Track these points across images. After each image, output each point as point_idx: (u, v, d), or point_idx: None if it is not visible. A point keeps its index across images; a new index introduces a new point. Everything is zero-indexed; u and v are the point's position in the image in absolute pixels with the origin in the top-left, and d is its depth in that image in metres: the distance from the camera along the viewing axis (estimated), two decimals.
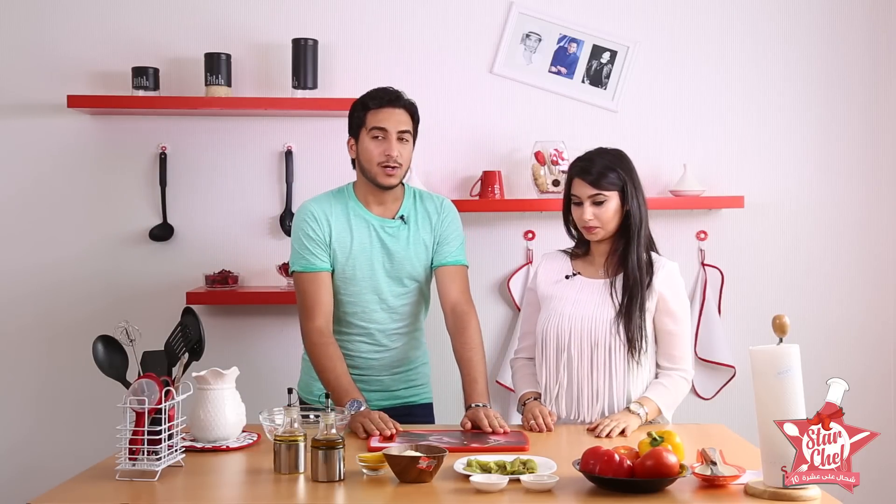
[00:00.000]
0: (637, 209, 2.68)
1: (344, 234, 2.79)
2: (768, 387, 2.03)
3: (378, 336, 2.83)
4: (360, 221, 2.80)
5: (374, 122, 2.74)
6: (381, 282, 2.80)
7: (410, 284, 2.84)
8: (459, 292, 2.84)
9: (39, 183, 3.60)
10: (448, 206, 2.91)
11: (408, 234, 2.82)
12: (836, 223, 3.73)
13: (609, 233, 2.71)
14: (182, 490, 2.12)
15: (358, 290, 2.80)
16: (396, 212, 2.83)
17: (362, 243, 2.79)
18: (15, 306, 3.61)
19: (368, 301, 2.80)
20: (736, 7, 3.69)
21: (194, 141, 3.62)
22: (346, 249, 2.78)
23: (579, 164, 2.72)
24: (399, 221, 2.82)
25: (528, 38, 3.66)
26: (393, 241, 2.80)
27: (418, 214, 2.85)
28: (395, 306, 2.83)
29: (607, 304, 2.69)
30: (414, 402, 2.92)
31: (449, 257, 2.85)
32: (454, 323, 2.82)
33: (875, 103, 3.72)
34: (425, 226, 2.85)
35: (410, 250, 2.81)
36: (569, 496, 2.03)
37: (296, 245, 2.81)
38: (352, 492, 2.08)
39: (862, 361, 3.72)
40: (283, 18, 3.62)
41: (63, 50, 3.59)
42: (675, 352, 2.72)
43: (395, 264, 2.80)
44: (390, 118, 2.74)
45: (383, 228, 2.81)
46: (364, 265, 2.78)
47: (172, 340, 2.37)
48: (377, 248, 2.79)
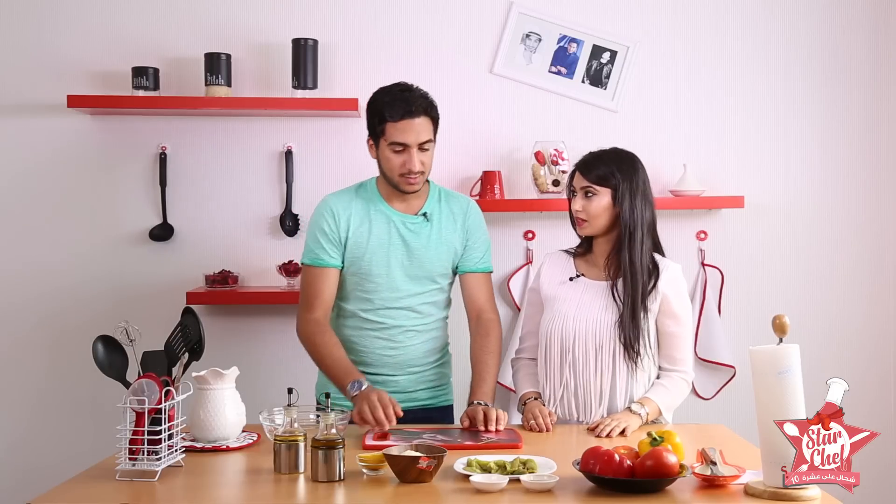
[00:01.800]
0: (629, 212, 2.67)
1: (362, 228, 2.76)
2: (768, 387, 2.03)
3: (393, 332, 2.79)
4: (380, 216, 2.78)
5: (394, 137, 2.67)
6: (398, 278, 2.77)
7: (428, 282, 2.81)
8: (486, 299, 2.86)
9: (39, 183, 3.61)
10: (475, 208, 2.89)
11: (430, 231, 2.80)
12: (836, 223, 3.73)
13: (597, 229, 2.71)
14: (182, 490, 2.12)
15: (374, 287, 2.78)
16: (419, 208, 2.81)
17: (380, 238, 2.76)
18: (15, 306, 3.62)
19: (385, 298, 2.78)
20: (736, 7, 3.69)
21: (194, 141, 3.62)
22: (364, 244, 2.76)
23: (583, 158, 2.75)
24: (421, 218, 2.79)
25: (528, 38, 3.66)
26: (414, 237, 2.78)
27: (442, 213, 2.82)
28: (411, 304, 2.80)
29: (611, 306, 2.69)
30: (432, 404, 2.88)
31: (479, 264, 2.86)
32: (478, 328, 2.84)
33: (875, 102, 3.72)
34: (451, 226, 2.82)
35: (431, 248, 2.79)
36: (569, 496, 2.03)
37: (309, 238, 2.81)
38: (352, 492, 2.08)
39: (862, 361, 3.72)
40: (283, 18, 3.62)
41: (63, 50, 3.59)
42: (676, 353, 2.72)
43: (414, 261, 2.78)
44: (410, 131, 2.67)
45: (404, 224, 2.78)
46: (381, 260, 2.76)
47: (172, 340, 2.37)
48: (396, 244, 2.77)
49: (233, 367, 2.48)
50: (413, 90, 2.72)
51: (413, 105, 2.67)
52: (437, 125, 2.76)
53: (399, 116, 2.66)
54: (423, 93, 2.73)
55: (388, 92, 2.72)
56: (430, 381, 2.88)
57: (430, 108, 2.72)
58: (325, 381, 2.84)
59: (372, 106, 2.75)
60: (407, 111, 2.66)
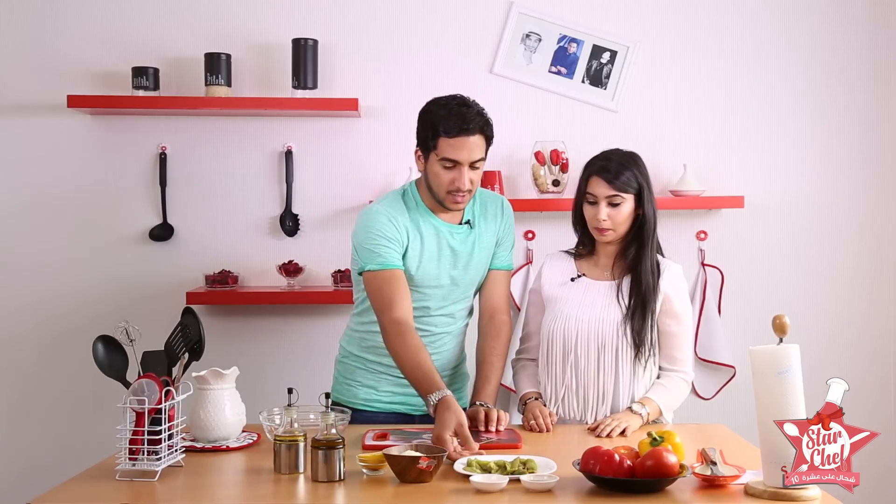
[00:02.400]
0: (651, 214, 2.67)
1: (415, 240, 2.67)
2: (768, 387, 2.02)
3: (434, 339, 2.74)
4: (429, 228, 2.69)
5: (446, 153, 2.56)
6: (446, 287, 2.73)
7: (471, 288, 2.79)
8: (502, 299, 2.82)
9: (39, 183, 3.60)
10: (508, 207, 2.84)
11: (474, 238, 2.75)
12: (836, 223, 3.73)
13: (620, 235, 2.70)
14: (182, 490, 2.12)
15: (422, 297, 2.70)
16: (462, 217, 2.74)
17: (431, 250, 2.69)
18: (14, 306, 3.62)
19: (433, 308, 2.73)
20: (736, 7, 3.69)
21: (194, 141, 3.62)
22: (417, 255, 2.68)
23: (598, 163, 2.68)
24: (466, 227, 2.74)
25: (528, 38, 3.66)
26: (461, 245, 2.73)
27: (482, 217, 2.78)
28: (453, 311, 2.78)
29: (614, 306, 2.69)
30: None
31: (504, 261, 2.83)
32: (489, 328, 2.80)
33: (875, 102, 3.72)
34: (489, 229, 2.78)
35: (475, 254, 2.75)
36: (569, 496, 2.02)
37: (368, 245, 2.63)
38: (352, 492, 2.08)
39: (862, 361, 3.72)
40: (283, 18, 3.62)
41: (63, 50, 3.59)
42: (676, 353, 2.72)
43: (461, 269, 2.73)
44: (463, 149, 2.55)
45: (451, 234, 2.71)
46: (432, 271, 2.69)
47: (172, 340, 2.36)
48: (446, 254, 2.71)
49: (233, 367, 2.48)
50: (471, 106, 2.60)
51: (470, 123, 2.56)
52: (490, 144, 2.66)
53: (455, 133, 2.55)
54: (481, 109, 2.62)
55: (444, 105, 2.60)
56: (454, 383, 2.84)
57: (486, 126, 2.61)
58: (343, 383, 2.82)
59: (425, 117, 2.63)
60: (463, 128, 2.55)
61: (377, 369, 2.77)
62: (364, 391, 2.79)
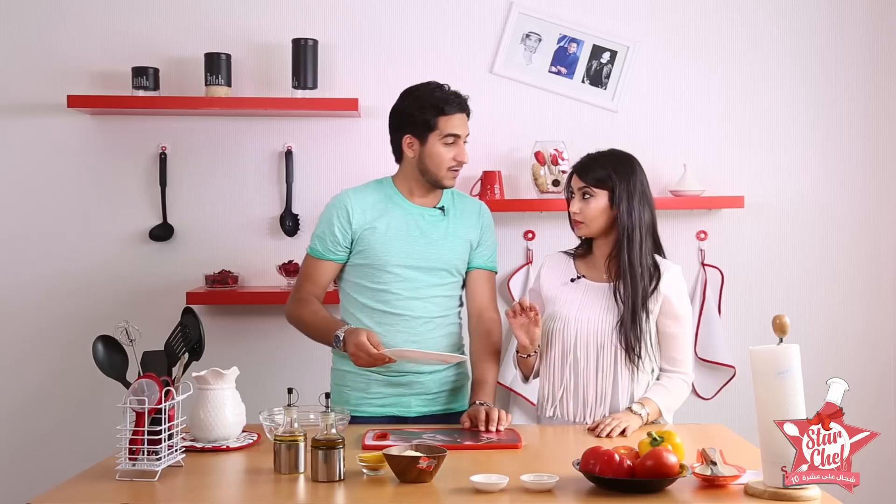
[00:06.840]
0: (627, 214, 2.67)
1: (380, 220, 2.81)
2: (768, 387, 2.03)
3: (414, 323, 2.79)
4: (398, 209, 2.83)
5: (449, 129, 2.78)
6: (416, 269, 2.80)
7: (446, 274, 2.84)
8: (488, 298, 2.90)
9: (39, 183, 3.60)
10: (486, 209, 2.98)
11: (447, 224, 2.85)
12: (836, 223, 3.73)
13: (595, 231, 2.72)
14: (182, 490, 2.12)
15: (393, 277, 2.79)
16: (436, 203, 2.88)
17: (398, 230, 2.80)
18: (14, 306, 3.61)
19: (403, 287, 2.79)
20: (736, 7, 3.69)
21: (194, 141, 3.62)
22: (382, 235, 2.79)
23: (580, 160, 2.77)
24: (439, 211, 2.86)
25: (528, 38, 3.66)
26: (432, 228, 2.83)
27: (457, 210, 2.89)
28: (431, 294, 2.82)
29: (612, 308, 2.69)
30: (453, 409, 2.87)
31: (488, 262, 2.92)
32: (478, 327, 2.86)
33: (875, 102, 3.72)
34: (465, 221, 2.89)
35: (447, 241, 2.84)
36: (569, 496, 2.03)
37: (319, 228, 2.87)
38: (352, 492, 2.08)
39: (862, 361, 3.72)
40: (283, 18, 3.62)
41: (63, 50, 3.59)
42: (676, 354, 2.72)
43: (431, 252, 2.81)
44: (462, 124, 2.81)
45: (423, 216, 2.84)
46: (399, 252, 2.79)
47: (172, 340, 2.37)
48: (415, 235, 2.81)
49: (233, 367, 2.48)
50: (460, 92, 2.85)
51: (463, 101, 2.83)
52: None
53: (455, 110, 2.80)
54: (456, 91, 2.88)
55: (432, 89, 2.82)
56: (452, 381, 2.87)
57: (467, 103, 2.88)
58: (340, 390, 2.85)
59: (422, 101, 2.80)
60: (460, 106, 2.81)
61: (365, 372, 2.79)
62: (355, 395, 2.82)
